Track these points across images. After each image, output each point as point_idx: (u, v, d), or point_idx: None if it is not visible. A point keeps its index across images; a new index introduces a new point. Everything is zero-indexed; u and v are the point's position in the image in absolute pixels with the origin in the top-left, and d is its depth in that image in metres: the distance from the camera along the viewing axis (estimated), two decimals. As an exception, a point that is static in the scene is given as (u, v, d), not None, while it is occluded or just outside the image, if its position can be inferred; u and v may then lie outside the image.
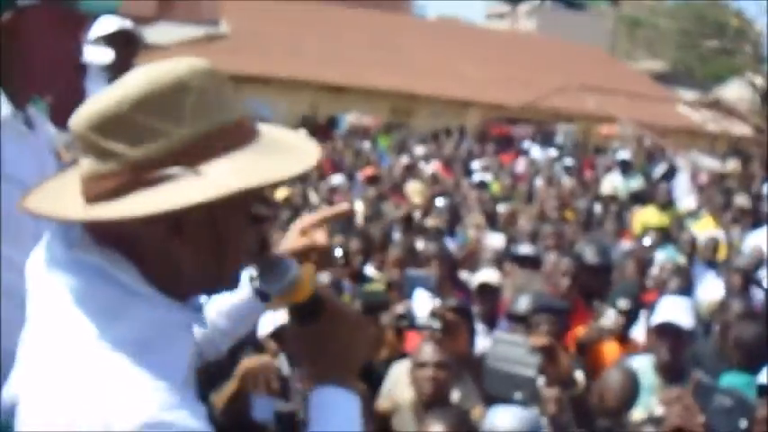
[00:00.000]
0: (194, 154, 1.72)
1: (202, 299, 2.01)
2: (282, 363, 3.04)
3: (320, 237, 2.37)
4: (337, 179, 14.40)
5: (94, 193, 1.74)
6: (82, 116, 1.75)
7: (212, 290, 1.95)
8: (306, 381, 3.78)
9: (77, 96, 4.17)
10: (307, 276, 2.05)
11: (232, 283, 1.96)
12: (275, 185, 1.81)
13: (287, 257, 2.12)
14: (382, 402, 5.04)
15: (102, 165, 1.72)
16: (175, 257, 1.79)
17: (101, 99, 1.75)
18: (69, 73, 2.95)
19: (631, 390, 5.38)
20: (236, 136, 1.79)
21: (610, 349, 6.69)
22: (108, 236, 1.78)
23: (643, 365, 6.09)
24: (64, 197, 1.82)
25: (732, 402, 2.88)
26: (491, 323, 7.09)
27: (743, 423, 2.84)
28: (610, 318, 6.48)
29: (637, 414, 5.37)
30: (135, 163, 1.69)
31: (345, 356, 2.05)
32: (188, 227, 1.75)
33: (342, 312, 2.06)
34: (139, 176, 1.69)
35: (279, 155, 1.83)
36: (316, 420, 1.97)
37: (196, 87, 1.76)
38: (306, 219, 2.38)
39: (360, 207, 11.37)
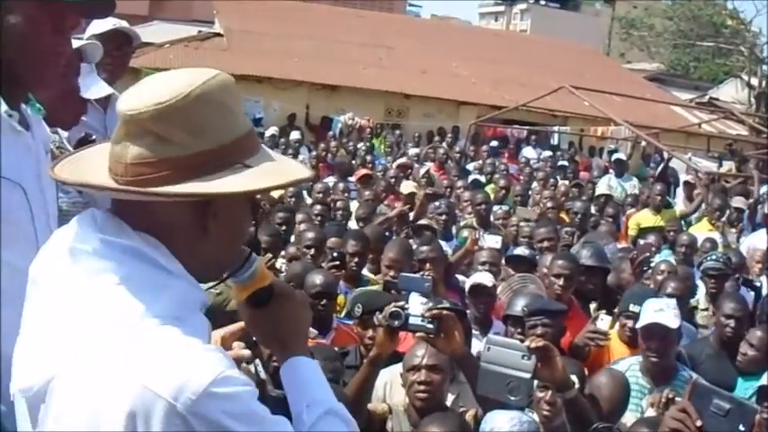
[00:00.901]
0: (238, 152, 2.01)
1: None
2: (259, 367, 3.02)
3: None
4: (331, 180, 14.38)
5: (142, 177, 1.95)
6: (136, 105, 1.95)
7: (220, 274, 2.25)
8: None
9: (71, 95, 4.15)
10: (263, 264, 2.35)
11: (227, 269, 2.27)
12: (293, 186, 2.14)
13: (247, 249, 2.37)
14: (377, 405, 5.01)
15: (160, 151, 1.94)
16: (205, 241, 2.05)
17: (160, 90, 1.96)
18: (63, 72, 2.91)
19: (622, 394, 5.37)
20: (253, 142, 2.09)
21: (619, 352, 6.68)
22: (139, 221, 2.00)
23: (631, 367, 6.10)
24: (98, 175, 2.03)
25: (730, 406, 2.84)
26: (485, 326, 7.07)
27: (742, 427, 2.80)
28: (605, 322, 6.47)
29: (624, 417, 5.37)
30: (194, 151, 1.94)
31: (297, 329, 2.38)
32: (221, 212, 2.03)
33: (288, 294, 2.39)
34: (195, 164, 1.94)
35: (286, 160, 2.18)
36: (294, 386, 2.28)
37: (235, 96, 2.06)
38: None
39: (354, 208, 11.34)
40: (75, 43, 4.03)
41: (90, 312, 1.92)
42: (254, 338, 2.56)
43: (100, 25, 5.79)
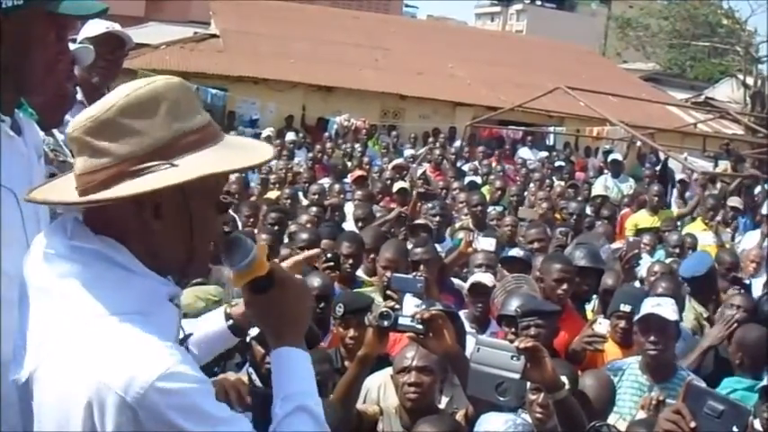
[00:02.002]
0: (169, 151, 2.12)
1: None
2: (253, 376, 3.07)
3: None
4: (326, 181, 14.39)
5: (87, 186, 2.13)
6: (77, 123, 2.15)
7: (187, 269, 2.33)
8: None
9: (64, 99, 4.16)
10: (262, 251, 2.41)
11: (203, 267, 2.43)
12: (238, 172, 2.20)
13: (244, 236, 2.47)
14: (368, 407, 5.02)
15: (95, 161, 2.11)
16: (156, 239, 2.17)
17: (92, 108, 2.16)
18: (58, 77, 2.92)
19: (607, 395, 5.37)
20: (203, 137, 2.19)
21: (612, 353, 6.68)
22: (102, 226, 2.16)
23: (630, 366, 6.09)
24: (64, 192, 2.20)
25: (724, 407, 2.85)
26: (482, 325, 7.08)
27: (735, 429, 2.81)
28: (603, 325, 6.46)
29: (612, 419, 5.36)
30: (121, 157, 2.09)
31: (294, 319, 2.42)
32: (166, 210, 2.14)
33: (289, 281, 2.44)
34: (125, 169, 2.09)
35: (239, 150, 2.26)
36: (277, 376, 2.34)
37: (169, 99, 2.16)
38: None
39: (350, 209, 11.34)
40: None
41: (60, 311, 2.08)
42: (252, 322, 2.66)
43: (93, 28, 5.80)
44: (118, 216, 2.14)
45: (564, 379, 4.21)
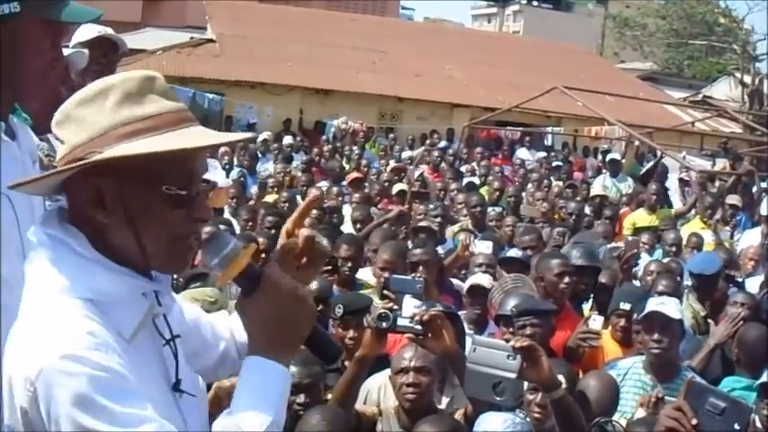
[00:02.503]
0: (110, 138, 2.11)
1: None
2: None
3: (304, 232, 2.45)
4: (324, 184, 14.40)
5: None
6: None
7: (149, 265, 2.22)
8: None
9: (57, 104, 4.15)
10: (246, 253, 2.28)
11: (166, 264, 2.26)
12: (176, 165, 2.14)
13: (226, 234, 2.41)
14: (367, 408, 5.02)
15: (60, 151, 2.18)
16: (104, 230, 2.15)
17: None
18: (53, 82, 2.93)
19: (610, 396, 5.36)
20: (156, 124, 2.15)
21: (612, 351, 6.68)
22: (71, 215, 2.20)
23: (634, 365, 6.07)
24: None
25: (726, 405, 2.84)
26: (480, 326, 7.08)
27: (737, 426, 2.81)
28: (597, 322, 6.46)
29: (615, 418, 5.35)
30: (73, 146, 2.14)
31: (278, 327, 2.23)
32: (108, 202, 2.12)
33: (277, 284, 2.24)
34: (72, 157, 2.12)
35: (183, 137, 2.17)
36: (239, 383, 2.19)
37: (120, 89, 2.17)
38: (288, 222, 2.49)
39: (348, 211, 11.35)
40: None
41: (25, 290, 2.14)
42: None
43: (85, 32, 5.81)
44: (75, 206, 2.18)
45: (561, 378, 4.20)
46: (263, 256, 7.46)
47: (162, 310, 2.29)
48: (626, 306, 6.66)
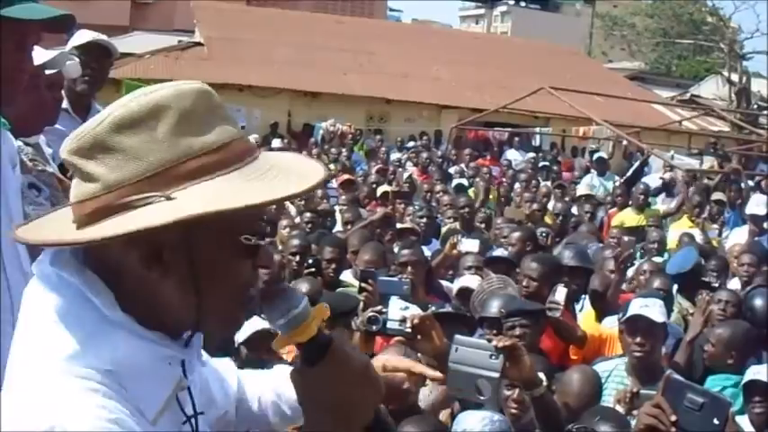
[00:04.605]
0: (171, 177, 1.68)
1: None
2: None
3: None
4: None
5: (79, 217, 1.73)
6: (68, 141, 1.74)
7: (201, 327, 1.85)
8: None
9: (42, 108, 4.14)
10: (316, 315, 1.94)
11: (224, 325, 1.94)
12: (255, 212, 1.79)
13: (296, 290, 2.05)
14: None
15: (85, 188, 1.71)
16: (154, 288, 1.73)
17: (86, 124, 1.74)
18: (27, 86, 2.91)
19: (592, 390, 5.37)
20: (223, 158, 1.74)
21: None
22: (93, 260, 1.75)
23: (617, 367, 6.07)
24: (61, 220, 1.79)
25: (704, 400, 2.86)
26: (471, 329, 7.09)
27: (716, 421, 2.82)
28: (560, 293, 6.47)
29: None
30: (111, 186, 1.68)
31: (342, 408, 1.89)
32: (167, 256, 1.70)
33: (350, 359, 1.91)
34: (113, 201, 1.67)
35: (266, 180, 1.76)
36: None
37: (176, 110, 1.72)
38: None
39: (338, 214, 11.36)
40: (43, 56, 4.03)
41: (26, 344, 1.72)
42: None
43: (79, 38, 5.92)
44: (112, 254, 1.72)
45: (541, 375, 4.22)
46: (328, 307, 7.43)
47: (188, 382, 1.89)
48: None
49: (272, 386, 2.34)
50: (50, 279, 1.73)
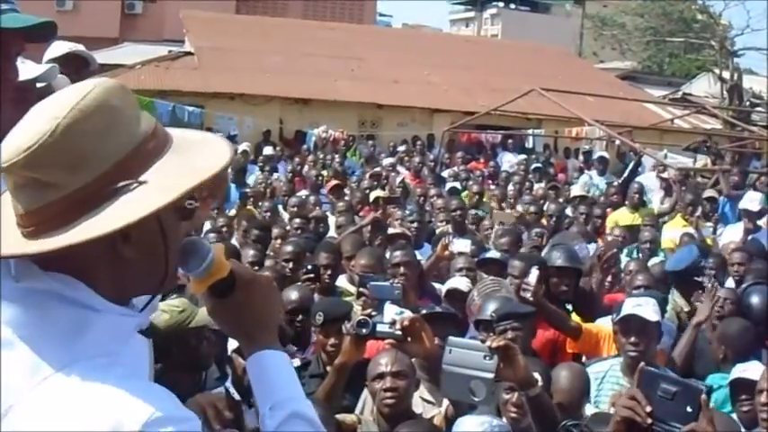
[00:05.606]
0: (130, 169, 1.81)
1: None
2: (231, 389, 3.05)
3: None
4: (305, 193, 14.44)
5: (37, 226, 1.79)
6: (11, 150, 1.78)
7: (161, 289, 2.04)
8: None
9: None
10: (220, 252, 2.18)
11: (174, 281, 2.12)
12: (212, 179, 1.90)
13: (198, 239, 2.27)
14: (346, 417, 5.01)
15: (42, 196, 1.78)
16: (127, 265, 1.87)
17: (27, 131, 1.79)
18: (12, 98, 2.88)
19: (581, 385, 5.37)
20: (160, 140, 1.92)
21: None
22: (54, 261, 1.81)
23: (612, 367, 6.06)
24: (8, 233, 1.84)
25: (677, 389, 2.88)
26: (460, 330, 7.07)
27: (689, 408, 2.84)
28: (533, 276, 6.46)
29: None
30: (78, 189, 1.76)
31: (264, 319, 2.22)
32: (135, 235, 1.83)
33: (254, 280, 2.22)
34: (84, 197, 1.77)
35: (198, 153, 1.95)
36: (259, 384, 2.14)
37: (118, 107, 1.85)
38: None
39: (332, 220, 11.35)
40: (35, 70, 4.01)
41: (13, 366, 1.76)
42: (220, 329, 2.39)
43: (55, 49, 5.82)
44: (76, 249, 1.76)
45: (537, 376, 4.21)
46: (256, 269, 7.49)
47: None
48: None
49: None
50: (12, 297, 1.81)
